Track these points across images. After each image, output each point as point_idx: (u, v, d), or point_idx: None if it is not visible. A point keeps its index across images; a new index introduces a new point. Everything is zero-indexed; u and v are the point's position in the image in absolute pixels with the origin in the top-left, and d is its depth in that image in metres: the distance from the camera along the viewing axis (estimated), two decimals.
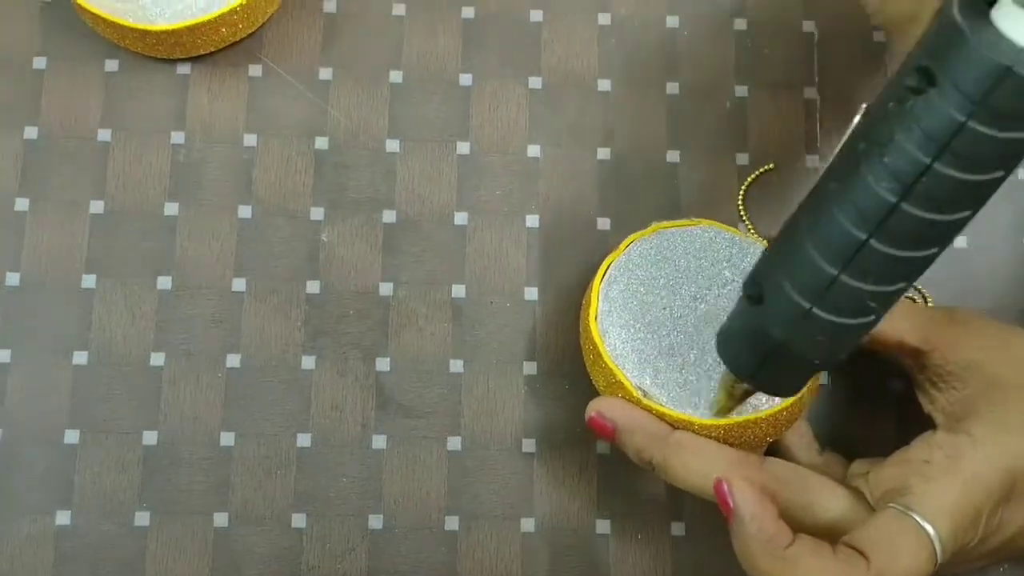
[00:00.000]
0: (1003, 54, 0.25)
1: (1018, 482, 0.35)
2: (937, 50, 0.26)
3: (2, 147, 0.45)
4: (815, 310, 0.30)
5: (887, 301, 0.30)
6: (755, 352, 0.32)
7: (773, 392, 0.35)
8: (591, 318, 0.40)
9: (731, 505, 0.35)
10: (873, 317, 0.30)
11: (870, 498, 0.37)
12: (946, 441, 0.36)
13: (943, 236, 0.28)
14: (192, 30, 0.44)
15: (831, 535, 0.35)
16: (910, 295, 0.45)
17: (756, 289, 0.31)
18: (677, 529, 0.43)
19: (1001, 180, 0.27)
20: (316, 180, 0.46)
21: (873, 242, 0.28)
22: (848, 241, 0.28)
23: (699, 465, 0.37)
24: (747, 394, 0.36)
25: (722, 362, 0.34)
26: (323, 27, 0.47)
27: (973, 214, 0.28)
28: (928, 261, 0.29)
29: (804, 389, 0.39)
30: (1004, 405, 0.36)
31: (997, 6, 0.25)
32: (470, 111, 0.47)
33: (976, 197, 0.28)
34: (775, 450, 0.42)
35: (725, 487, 0.35)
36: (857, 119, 0.28)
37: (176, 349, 0.44)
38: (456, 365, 0.44)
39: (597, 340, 0.40)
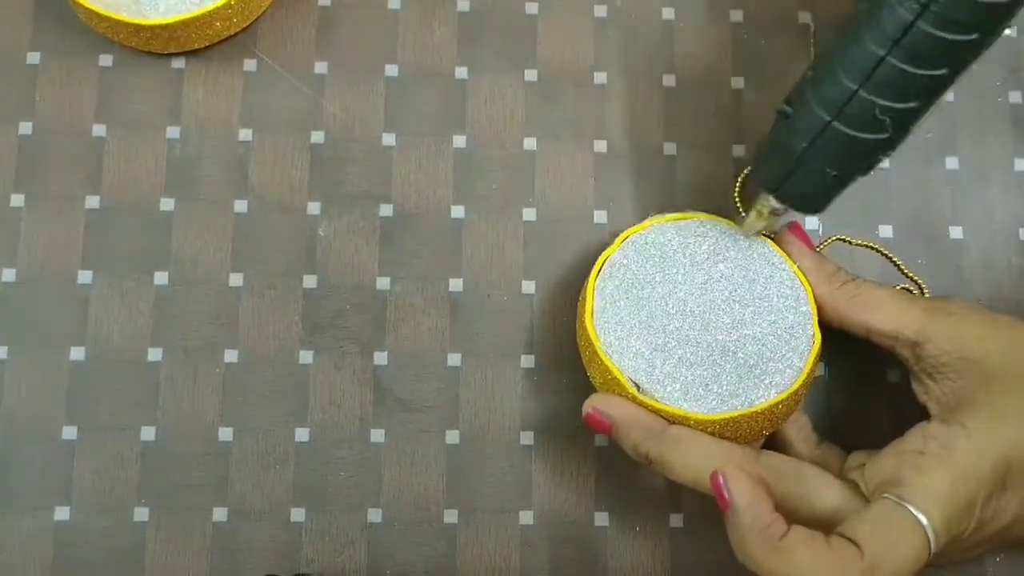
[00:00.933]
0: None
1: (1012, 471, 0.36)
2: None
3: None
4: (834, 123, 0.35)
5: (899, 120, 0.34)
6: (781, 165, 0.37)
7: (798, 206, 0.38)
8: (587, 315, 0.40)
9: (726, 497, 0.35)
10: (885, 136, 0.34)
11: (865, 490, 0.37)
12: (940, 432, 0.36)
13: (952, 57, 0.33)
14: (186, 24, 0.44)
15: (826, 527, 0.35)
16: (907, 286, 0.45)
17: (785, 105, 0.36)
18: (676, 521, 0.43)
19: (1011, 6, 0.31)
20: (312, 175, 0.46)
21: (890, 58, 0.33)
22: (869, 58, 0.33)
23: (695, 459, 0.37)
24: (774, 213, 0.39)
25: (754, 180, 0.39)
26: (318, 21, 0.47)
27: (982, 38, 0.32)
28: (937, 82, 0.33)
29: (799, 382, 0.39)
30: (998, 395, 0.36)
31: None
32: (466, 104, 0.47)
33: (985, 21, 0.32)
34: (773, 443, 0.42)
35: (720, 479, 0.35)
36: None
37: (173, 345, 0.44)
38: (454, 359, 0.44)
39: (593, 337, 0.40)
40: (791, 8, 0.48)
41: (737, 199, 0.46)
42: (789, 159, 0.36)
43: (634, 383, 0.39)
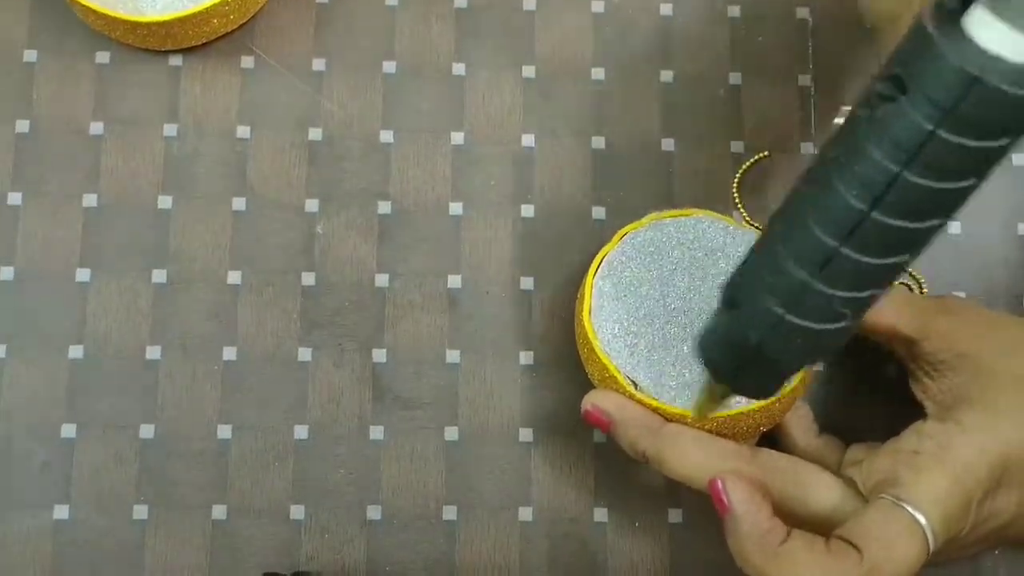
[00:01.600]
0: (972, 63, 0.24)
1: (1008, 470, 0.36)
2: (908, 57, 0.26)
3: None
4: (788, 316, 0.29)
5: (860, 307, 0.30)
6: (732, 356, 0.32)
7: (750, 395, 0.35)
8: (584, 313, 0.40)
9: (725, 502, 0.35)
10: (846, 323, 0.30)
11: (862, 488, 0.37)
12: (936, 431, 0.36)
13: (914, 244, 0.28)
14: (183, 21, 0.44)
15: (824, 526, 0.35)
16: (905, 282, 0.45)
17: (732, 293, 0.31)
18: (674, 516, 0.43)
19: (973, 188, 0.27)
20: (310, 172, 0.46)
21: (844, 250, 0.28)
22: (819, 248, 0.28)
23: (691, 457, 0.37)
24: (726, 396, 0.35)
25: (702, 361, 0.34)
26: (315, 17, 0.47)
27: (945, 222, 0.28)
28: (899, 268, 0.29)
29: (798, 379, 0.39)
30: (995, 393, 0.36)
31: (968, 13, 0.25)
32: (464, 101, 0.47)
33: (947, 205, 0.27)
34: (774, 430, 0.42)
35: (720, 485, 0.35)
36: (837, 122, 0.28)
37: (172, 343, 0.44)
38: (452, 356, 0.44)
39: (590, 335, 0.40)
40: (789, 3, 0.48)
41: (736, 195, 0.46)
42: (739, 351, 0.32)
43: (631, 380, 0.39)
